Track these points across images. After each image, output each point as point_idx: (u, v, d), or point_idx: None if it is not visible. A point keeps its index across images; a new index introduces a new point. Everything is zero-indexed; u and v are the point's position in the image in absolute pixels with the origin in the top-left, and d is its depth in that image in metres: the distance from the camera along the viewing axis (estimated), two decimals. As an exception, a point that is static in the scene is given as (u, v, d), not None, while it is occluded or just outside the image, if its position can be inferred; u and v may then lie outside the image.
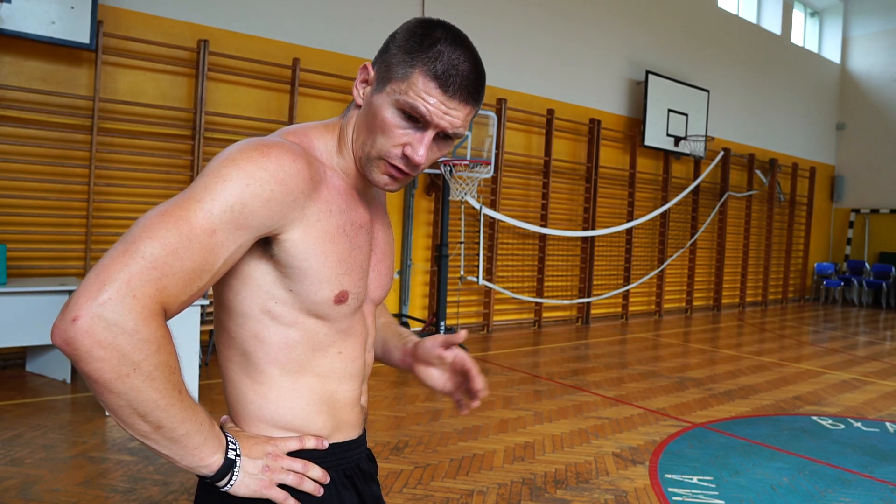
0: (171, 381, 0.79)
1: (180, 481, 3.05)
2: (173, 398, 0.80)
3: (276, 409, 0.97)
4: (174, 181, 5.74)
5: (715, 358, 6.96)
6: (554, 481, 3.32)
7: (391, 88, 0.92)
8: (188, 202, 0.81)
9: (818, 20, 14.56)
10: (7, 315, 4.27)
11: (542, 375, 5.69)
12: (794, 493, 3.28)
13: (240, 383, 0.98)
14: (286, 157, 0.87)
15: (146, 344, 0.75)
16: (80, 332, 0.72)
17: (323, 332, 0.97)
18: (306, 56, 6.45)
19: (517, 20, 8.22)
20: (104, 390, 0.75)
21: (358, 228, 0.99)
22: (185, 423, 0.82)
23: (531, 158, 8.38)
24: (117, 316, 0.73)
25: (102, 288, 0.73)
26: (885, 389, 5.79)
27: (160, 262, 0.77)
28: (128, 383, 0.75)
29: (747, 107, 12.01)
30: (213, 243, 0.81)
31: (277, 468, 0.93)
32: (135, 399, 0.76)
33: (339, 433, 1.03)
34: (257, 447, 0.93)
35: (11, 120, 4.98)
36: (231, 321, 0.96)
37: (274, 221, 0.87)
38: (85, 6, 4.96)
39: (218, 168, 0.84)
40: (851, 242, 14.12)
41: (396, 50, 0.92)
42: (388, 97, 0.92)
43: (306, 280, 0.92)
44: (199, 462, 0.86)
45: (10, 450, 3.35)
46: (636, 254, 9.91)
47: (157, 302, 0.77)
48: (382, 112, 0.92)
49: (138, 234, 0.78)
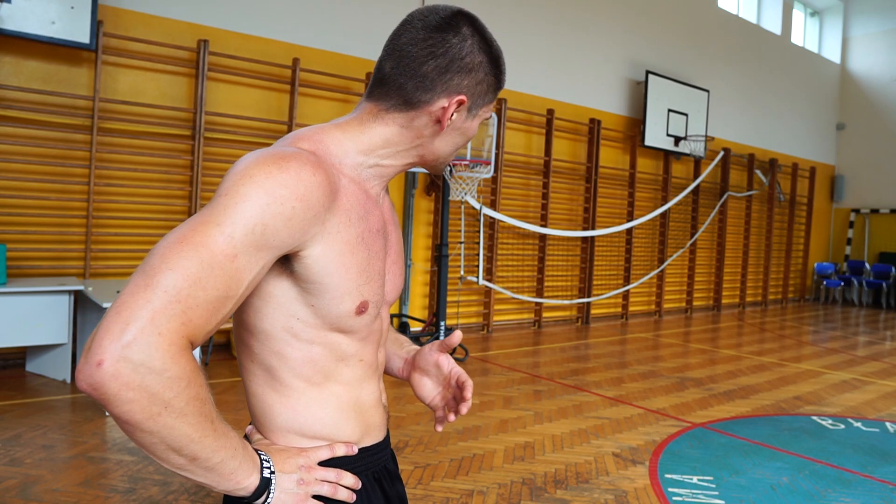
0: (203, 413, 0.78)
1: (180, 481, 3.05)
2: (206, 430, 0.78)
3: (306, 420, 0.97)
4: (174, 181, 5.74)
5: (715, 358, 6.96)
6: (554, 481, 3.31)
7: (483, 112, 1.00)
8: (206, 226, 0.78)
9: (818, 20, 14.55)
10: (7, 315, 4.27)
11: (542, 375, 5.69)
12: (794, 493, 3.28)
13: (265, 397, 0.97)
14: (305, 170, 0.84)
15: (176, 382, 0.73)
16: (106, 376, 0.69)
17: (345, 343, 0.97)
18: (306, 56, 6.45)
19: (517, 20, 8.22)
20: (136, 430, 0.73)
21: (375, 234, 0.97)
22: (220, 451, 0.81)
23: (531, 158, 8.38)
24: (144, 356, 0.70)
25: (126, 328, 0.70)
26: (885, 389, 5.79)
27: (183, 294, 0.73)
28: (160, 422, 0.73)
29: (747, 107, 12.01)
30: (235, 268, 0.78)
31: (311, 480, 0.93)
32: (168, 436, 0.75)
33: (367, 437, 1.04)
34: (290, 461, 0.93)
35: (11, 120, 4.98)
36: (252, 339, 0.95)
37: (295, 239, 0.84)
38: (85, 6, 4.96)
39: (235, 187, 0.80)
40: (851, 242, 14.12)
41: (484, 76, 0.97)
42: (479, 118, 1.01)
43: (328, 294, 0.90)
44: (235, 486, 0.85)
45: (10, 450, 3.34)
46: (636, 254, 9.91)
47: (182, 336, 0.74)
48: (472, 127, 1.01)
49: (157, 266, 0.74)
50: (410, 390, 4.91)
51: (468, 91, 0.95)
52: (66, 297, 4.52)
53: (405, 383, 5.21)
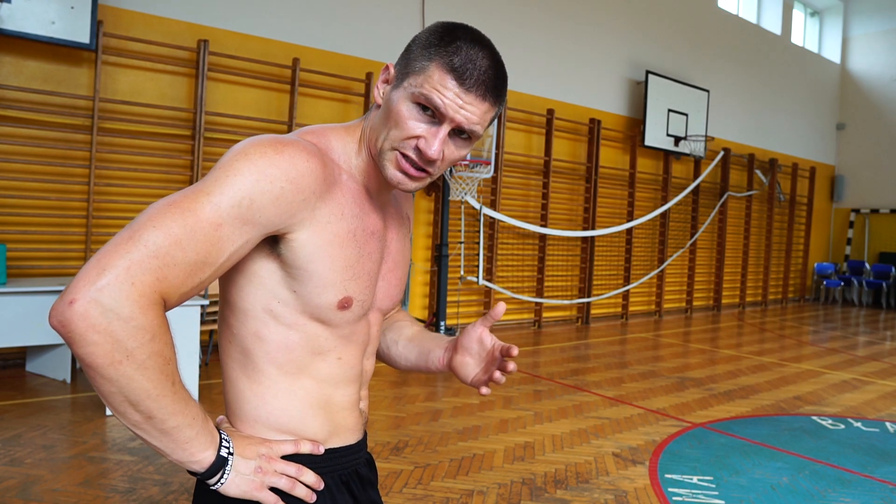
0: (165, 371, 0.79)
1: (180, 481, 3.05)
2: (165, 389, 0.79)
3: (272, 411, 0.97)
4: (174, 181, 5.74)
5: (715, 358, 6.96)
6: (554, 481, 3.32)
7: (408, 82, 0.91)
8: (197, 194, 0.81)
9: (818, 20, 14.55)
10: (7, 315, 4.26)
11: (542, 375, 5.69)
12: (794, 493, 3.28)
13: (238, 382, 0.97)
14: (300, 155, 0.86)
15: (141, 332, 0.75)
16: (75, 314, 0.72)
17: (324, 336, 0.97)
18: (306, 56, 6.45)
19: (517, 20, 8.22)
20: (96, 375, 0.76)
21: (369, 235, 0.97)
22: (177, 415, 0.82)
23: (531, 158, 8.38)
24: (114, 302, 0.73)
25: (102, 273, 0.73)
26: (885, 389, 5.79)
27: (162, 251, 0.76)
28: (120, 370, 0.75)
29: (747, 107, 12.01)
30: (217, 237, 0.81)
31: (270, 470, 0.93)
32: (126, 386, 0.76)
33: (336, 438, 1.02)
34: (251, 448, 0.93)
35: (11, 120, 4.98)
36: (233, 317, 0.96)
37: (282, 220, 0.86)
38: (85, 6, 4.96)
39: (230, 162, 0.84)
40: (851, 242, 14.12)
41: (416, 47, 0.92)
42: (405, 91, 0.91)
43: (311, 282, 0.91)
44: (189, 457, 0.85)
45: (10, 450, 3.35)
46: (636, 254, 9.91)
47: (155, 291, 0.76)
48: (398, 105, 0.91)
49: (143, 223, 0.77)
50: (411, 390, 4.92)
51: (403, 60, 0.93)
52: (66, 297, 4.51)
53: (405, 384, 5.21)
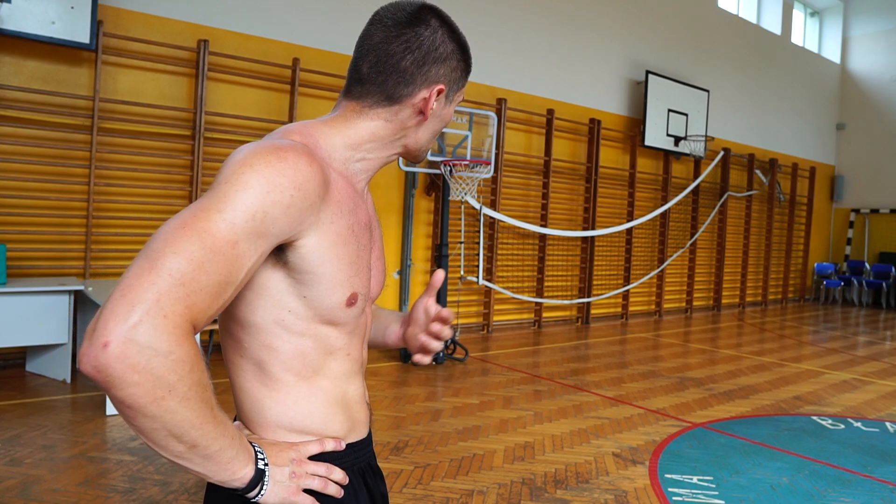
0: (205, 399, 0.78)
1: (180, 481, 3.05)
2: (207, 416, 0.78)
3: (296, 415, 0.97)
4: (174, 181, 5.74)
5: (715, 358, 6.96)
6: (554, 481, 3.32)
7: (457, 97, 1.06)
8: (208, 212, 0.79)
9: (818, 20, 14.56)
10: (7, 315, 4.27)
11: (542, 375, 5.69)
12: (794, 493, 3.28)
13: (254, 392, 0.97)
14: (302, 160, 0.86)
15: (180, 364, 0.73)
16: (111, 357, 0.68)
17: (334, 336, 0.98)
18: (306, 56, 6.45)
19: (517, 20, 8.22)
20: (137, 415, 0.73)
21: (363, 227, 0.99)
22: (220, 439, 0.81)
23: (531, 158, 8.38)
24: (150, 338, 0.70)
25: (132, 309, 0.70)
26: (885, 389, 5.79)
27: (187, 277, 0.74)
28: (163, 406, 0.73)
29: (747, 107, 12.01)
30: (235, 254, 0.79)
31: (303, 473, 0.94)
32: (170, 421, 0.74)
33: (353, 433, 1.05)
34: (282, 454, 0.93)
35: (11, 120, 4.98)
36: (242, 332, 0.95)
37: (293, 228, 0.86)
38: (85, 6, 4.96)
39: (235, 175, 0.82)
40: (851, 242, 14.12)
41: (457, 63, 1.02)
42: (454, 104, 1.06)
43: (321, 285, 0.92)
44: (231, 475, 0.85)
45: (10, 450, 3.35)
46: (636, 254, 9.91)
47: (187, 320, 0.74)
48: (449, 117, 1.07)
49: (160, 249, 0.74)
50: (410, 390, 4.92)
51: (445, 79, 1.01)
52: (66, 297, 4.52)
53: (405, 384, 5.22)
